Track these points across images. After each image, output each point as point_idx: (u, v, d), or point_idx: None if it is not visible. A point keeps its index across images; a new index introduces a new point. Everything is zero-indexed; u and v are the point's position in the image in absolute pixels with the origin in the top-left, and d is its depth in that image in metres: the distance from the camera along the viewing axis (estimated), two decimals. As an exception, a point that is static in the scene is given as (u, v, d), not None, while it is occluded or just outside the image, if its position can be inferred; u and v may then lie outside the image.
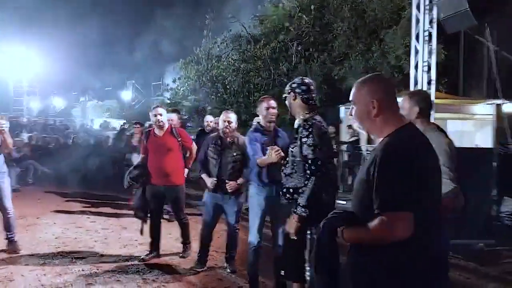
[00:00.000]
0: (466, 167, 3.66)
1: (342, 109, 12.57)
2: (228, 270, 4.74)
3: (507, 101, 11.49)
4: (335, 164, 3.22)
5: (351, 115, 2.02)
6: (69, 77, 34.97)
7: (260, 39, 16.15)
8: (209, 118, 7.94)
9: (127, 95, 24.54)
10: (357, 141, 11.15)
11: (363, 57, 13.34)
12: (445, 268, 1.86)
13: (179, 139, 5.18)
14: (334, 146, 8.93)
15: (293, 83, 3.20)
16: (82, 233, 6.32)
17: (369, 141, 12.54)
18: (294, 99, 3.14)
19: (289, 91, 3.19)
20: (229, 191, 4.55)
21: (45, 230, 6.45)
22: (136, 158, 8.15)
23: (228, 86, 14.71)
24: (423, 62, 7.64)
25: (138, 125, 8.57)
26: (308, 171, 2.89)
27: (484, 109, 11.87)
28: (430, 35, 7.58)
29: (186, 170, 5.43)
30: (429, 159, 1.80)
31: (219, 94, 14.63)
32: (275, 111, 4.06)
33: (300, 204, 2.88)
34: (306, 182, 2.89)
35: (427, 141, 1.85)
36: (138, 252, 5.38)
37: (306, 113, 3.07)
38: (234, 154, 4.60)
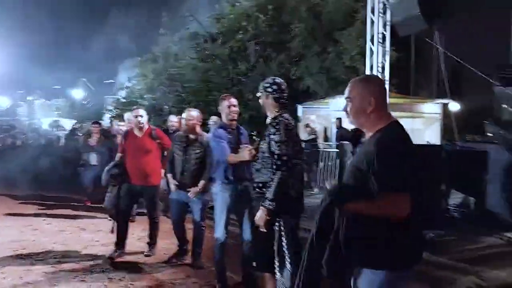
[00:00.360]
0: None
1: (299, 108, 12.86)
2: (196, 266, 4.78)
3: (453, 101, 12.29)
4: (302, 159, 3.30)
5: (345, 110, 2.20)
6: (15, 76, 33.23)
7: (218, 38, 16.14)
8: (173, 118, 7.91)
9: (78, 93, 23.62)
10: (315, 140, 11.44)
11: (319, 58, 13.71)
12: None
13: (158, 141, 5.26)
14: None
15: (266, 83, 3.30)
16: (40, 236, 6.10)
17: (326, 139, 12.96)
18: (266, 98, 3.25)
19: (262, 90, 3.29)
20: (192, 197, 4.67)
21: (0, 233, 6.17)
22: (94, 158, 8.00)
23: (187, 85, 14.61)
24: (378, 63, 8.02)
25: (96, 125, 8.37)
26: (274, 166, 2.99)
27: (432, 108, 12.63)
28: (384, 37, 7.97)
29: (162, 170, 5.39)
30: (415, 151, 2.07)
31: (177, 93, 14.50)
32: (236, 109, 4.13)
33: (268, 198, 2.99)
34: (272, 177, 2.99)
35: (409, 136, 2.10)
36: (100, 252, 5.28)
37: (276, 111, 3.18)
38: (197, 151, 4.71)
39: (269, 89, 3.24)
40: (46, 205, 8.25)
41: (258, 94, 3.32)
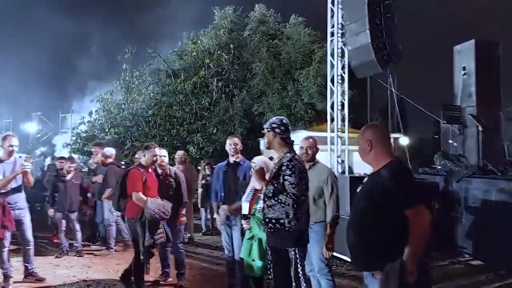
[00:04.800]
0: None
1: (261, 142, 13.41)
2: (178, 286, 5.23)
3: (402, 135, 13.34)
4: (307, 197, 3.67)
5: (358, 151, 2.79)
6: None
7: (180, 73, 16.56)
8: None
9: (31, 127, 22.90)
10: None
11: (279, 95, 14.47)
12: None
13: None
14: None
15: (273, 123, 3.56)
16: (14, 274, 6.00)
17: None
18: (274, 137, 3.53)
19: (269, 129, 3.55)
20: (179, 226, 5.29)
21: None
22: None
23: (150, 119, 14.77)
24: (338, 101, 8.74)
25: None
26: (286, 203, 3.30)
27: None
28: (342, 78, 8.74)
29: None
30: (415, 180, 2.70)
31: (140, 128, 14.60)
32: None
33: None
34: (288, 213, 3.30)
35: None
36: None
37: (287, 152, 3.49)
38: (167, 181, 5.30)
39: (277, 130, 3.50)
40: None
41: (264, 131, 3.59)
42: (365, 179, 2.75)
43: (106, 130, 14.70)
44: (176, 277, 5.32)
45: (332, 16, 8.82)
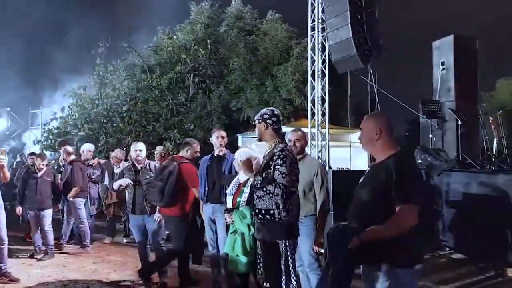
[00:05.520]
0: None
1: (240, 138, 13.29)
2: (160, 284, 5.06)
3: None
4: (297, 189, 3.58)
5: (360, 138, 2.68)
6: None
7: (156, 69, 16.22)
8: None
9: (1, 123, 21.96)
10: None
11: (258, 91, 14.36)
12: None
13: None
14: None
15: (265, 114, 3.51)
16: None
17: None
18: (266, 128, 3.48)
19: (260, 120, 3.50)
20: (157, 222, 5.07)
21: None
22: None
23: (125, 115, 14.40)
24: (318, 96, 8.70)
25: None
26: (275, 193, 3.22)
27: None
28: (323, 73, 8.71)
29: None
30: (421, 173, 2.57)
31: (114, 124, 14.21)
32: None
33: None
34: (278, 204, 3.24)
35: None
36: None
37: (279, 143, 3.44)
38: (147, 176, 5.09)
39: (269, 121, 3.46)
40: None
41: (256, 123, 3.54)
42: (368, 170, 2.68)
43: (79, 126, 14.26)
44: (158, 275, 5.12)
45: (312, 11, 8.76)
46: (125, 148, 10.43)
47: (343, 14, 7.56)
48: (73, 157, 7.30)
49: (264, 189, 3.28)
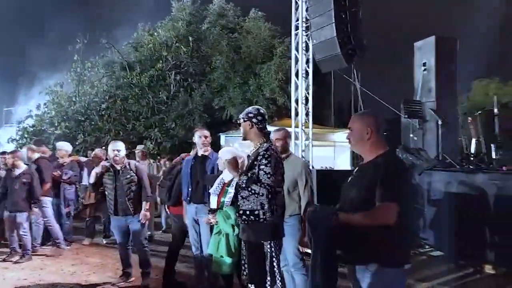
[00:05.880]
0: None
1: (222, 137, 13.18)
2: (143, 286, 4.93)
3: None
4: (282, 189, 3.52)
5: (348, 139, 2.60)
6: None
7: (135, 66, 15.98)
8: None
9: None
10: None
11: (240, 89, 14.31)
12: None
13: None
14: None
15: (250, 112, 3.43)
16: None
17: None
18: (251, 128, 3.40)
19: (246, 119, 3.42)
20: (143, 222, 4.94)
21: None
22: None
23: (104, 113, 14.13)
24: (302, 96, 8.68)
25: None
26: (261, 194, 3.17)
27: (342, 137, 13.80)
28: (307, 72, 8.69)
29: None
30: (410, 173, 2.54)
31: (93, 122, 13.93)
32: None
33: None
34: (263, 204, 3.18)
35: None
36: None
37: (264, 142, 3.37)
38: (128, 176, 4.94)
39: (254, 120, 3.38)
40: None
41: (241, 121, 3.45)
42: (356, 170, 2.64)
43: (56, 124, 13.95)
44: (141, 276, 5.00)
45: (296, 9, 8.73)
46: (104, 147, 10.22)
47: (328, 13, 7.53)
48: (37, 155, 7.03)
49: (249, 189, 3.22)
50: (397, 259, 2.38)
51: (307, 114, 8.76)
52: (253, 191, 3.19)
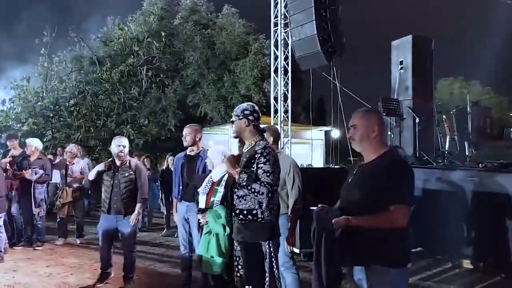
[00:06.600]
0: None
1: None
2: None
3: (334, 128, 13.71)
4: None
5: (350, 136, 2.50)
6: None
7: (106, 61, 15.50)
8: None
9: None
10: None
11: (215, 86, 14.13)
12: None
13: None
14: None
15: (246, 109, 3.32)
16: None
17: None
18: (247, 125, 3.30)
19: (241, 117, 3.30)
20: (132, 224, 4.71)
21: None
22: None
23: (73, 109, 13.63)
24: (281, 92, 8.66)
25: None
26: (260, 192, 3.08)
27: (316, 135, 13.91)
28: (286, 69, 8.67)
29: None
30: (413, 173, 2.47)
31: (62, 118, 13.41)
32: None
33: None
34: (261, 203, 3.11)
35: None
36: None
37: (260, 140, 3.28)
38: (126, 174, 4.74)
39: (251, 117, 3.28)
40: None
41: (234, 119, 3.34)
42: (356, 170, 2.59)
43: (23, 121, 13.34)
44: (123, 280, 4.79)
45: (275, 6, 8.69)
46: (76, 144, 9.85)
47: (308, 10, 7.54)
48: None
49: (249, 187, 3.13)
50: (401, 259, 2.37)
51: (285, 112, 8.75)
52: (252, 190, 3.11)
